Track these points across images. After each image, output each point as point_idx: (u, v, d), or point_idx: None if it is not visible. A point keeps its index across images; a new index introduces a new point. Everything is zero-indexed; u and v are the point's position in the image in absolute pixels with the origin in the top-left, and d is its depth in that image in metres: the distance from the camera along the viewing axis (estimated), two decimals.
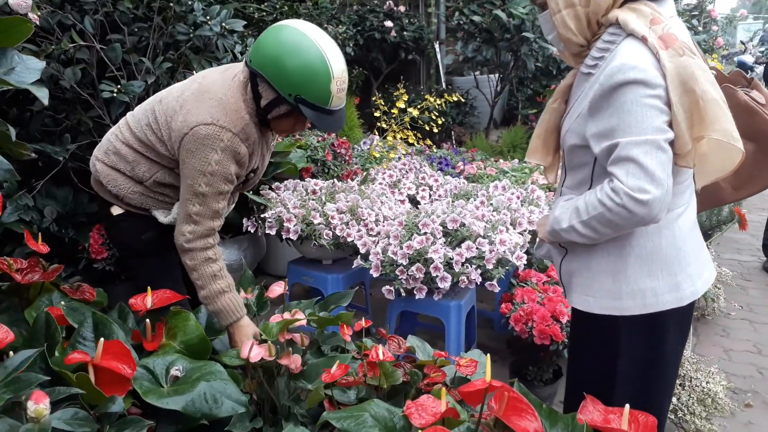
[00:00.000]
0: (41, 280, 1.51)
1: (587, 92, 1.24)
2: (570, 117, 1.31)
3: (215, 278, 1.62)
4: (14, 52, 0.91)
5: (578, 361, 1.49)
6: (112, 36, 2.55)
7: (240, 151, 1.61)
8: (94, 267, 2.70)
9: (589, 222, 1.22)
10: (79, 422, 0.76)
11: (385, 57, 5.79)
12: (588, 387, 1.37)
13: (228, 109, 1.59)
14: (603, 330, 1.37)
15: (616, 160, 1.16)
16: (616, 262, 1.30)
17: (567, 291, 1.45)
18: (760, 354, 2.95)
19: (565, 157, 1.38)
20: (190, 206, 1.61)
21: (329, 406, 1.33)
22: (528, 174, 3.77)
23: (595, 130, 1.21)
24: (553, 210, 1.37)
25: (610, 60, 1.19)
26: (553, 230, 1.34)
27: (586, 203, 1.23)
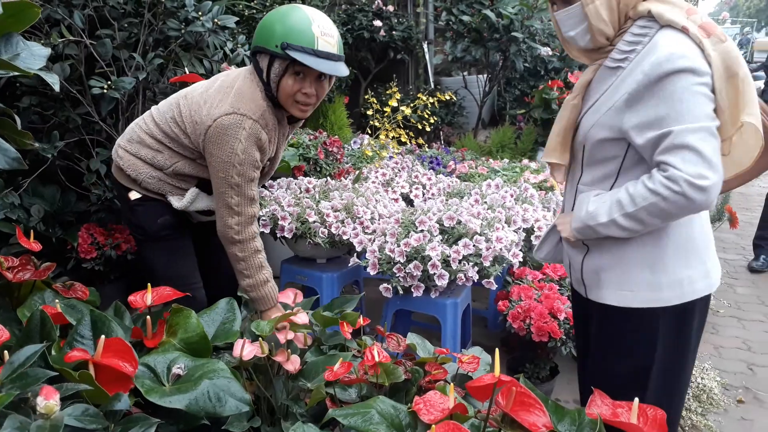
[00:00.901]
0: (33, 278, 1.47)
1: (619, 85, 1.24)
2: (595, 111, 1.30)
3: (261, 269, 1.74)
4: (19, 38, 0.88)
5: (609, 360, 1.44)
6: (101, 31, 2.50)
7: (261, 137, 1.69)
8: (82, 267, 2.65)
9: (635, 214, 1.22)
10: (89, 419, 0.74)
11: (374, 56, 5.77)
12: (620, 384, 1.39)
13: (246, 97, 1.67)
14: (640, 324, 1.36)
15: (669, 148, 1.16)
16: (653, 253, 1.31)
17: (592, 289, 1.41)
18: (750, 351, 2.98)
19: (586, 153, 1.36)
20: (228, 199, 1.69)
21: (331, 405, 1.31)
22: (519, 173, 3.78)
23: (637, 121, 1.21)
24: (581, 207, 1.34)
25: (648, 51, 1.20)
26: (585, 227, 1.32)
27: (632, 195, 1.22)
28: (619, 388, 1.36)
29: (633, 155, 1.28)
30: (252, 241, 1.74)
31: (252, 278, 1.72)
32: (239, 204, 1.70)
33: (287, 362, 1.39)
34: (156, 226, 1.87)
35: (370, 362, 1.28)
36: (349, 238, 2.37)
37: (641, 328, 1.36)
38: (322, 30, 1.62)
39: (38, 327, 1.15)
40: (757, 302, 3.60)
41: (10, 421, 0.67)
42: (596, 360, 1.48)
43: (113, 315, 1.38)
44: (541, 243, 1.59)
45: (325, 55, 1.62)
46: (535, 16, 5.40)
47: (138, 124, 1.88)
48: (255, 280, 1.72)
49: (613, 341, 1.41)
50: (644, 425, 1.05)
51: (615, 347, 1.41)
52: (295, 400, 1.41)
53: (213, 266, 2.09)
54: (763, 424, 2.34)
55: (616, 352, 1.41)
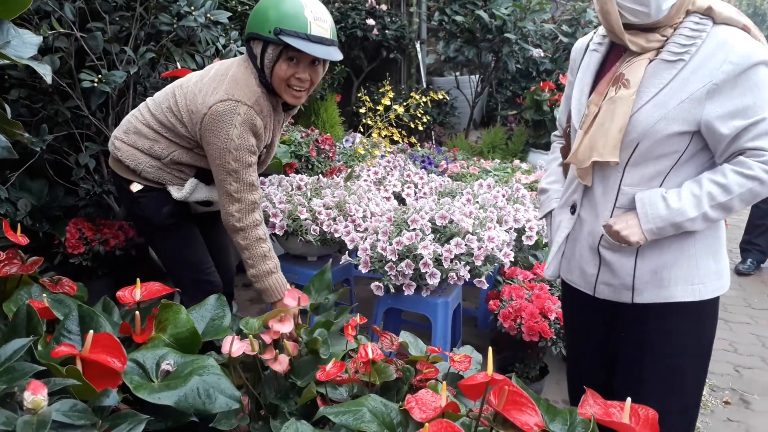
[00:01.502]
0: (20, 272, 1.44)
1: (689, 77, 1.24)
2: (660, 105, 1.26)
3: (265, 258, 1.74)
4: (10, 25, 0.86)
5: (675, 359, 1.39)
6: (92, 24, 2.47)
7: (256, 123, 1.70)
8: (70, 262, 2.62)
9: (728, 203, 1.25)
10: (78, 414, 0.72)
11: (367, 55, 5.76)
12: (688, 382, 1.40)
13: (240, 84, 1.68)
14: (707, 316, 1.38)
15: (762, 134, 1.21)
16: (714, 242, 1.35)
17: (647, 291, 1.36)
18: (736, 353, 3.00)
19: (638, 150, 1.30)
20: (227, 186, 1.71)
21: (322, 403, 1.30)
22: (510, 173, 3.79)
23: (722, 111, 1.22)
24: (654, 205, 1.28)
25: (720, 45, 1.22)
26: (669, 225, 1.27)
27: (724, 185, 1.24)
28: (683, 384, 1.40)
29: (692, 149, 1.29)
30: (254, 229, 1.74)
31: (255, 268, 1.73)
32: (239, 191, 1.71)
33: (275, 362, 1.37)
34: (161, 215, 1.87)
35: (364, 359, 1.27)
36: (340, 236, 2.36)
37: (708, 318, 1.39)
38: (315, 15, 1.63)
39: (24, 321, 1.13)
40: (744, 305, 3.63)
41: None
42: (650, 361, 1.41)
43: (101, 310, 1.36)
44: (551, 262, 1.53)
45: (318, 40, 1.62)
46: (527, 17, 5.42)
47: (134, 115, 1.89)
48: (258, 270, 1.73)
49: (677, 338, 1.38)
50: (636, 425, 1.05)
51: (678, 344, 1.38)
52: (284, 399, 1.40)
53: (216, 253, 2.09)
54: (749, 426, 2.36)
55: (681, 348, 1.39)
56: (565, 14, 6.74)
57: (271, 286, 1.74)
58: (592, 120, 1.34)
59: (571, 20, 6.32)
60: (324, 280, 1.68)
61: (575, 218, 1.46)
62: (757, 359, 2.93)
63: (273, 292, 1.75)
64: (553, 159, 1.66)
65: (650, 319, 1.39)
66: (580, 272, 1.46)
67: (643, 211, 1.30)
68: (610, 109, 1.30)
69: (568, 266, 1.50)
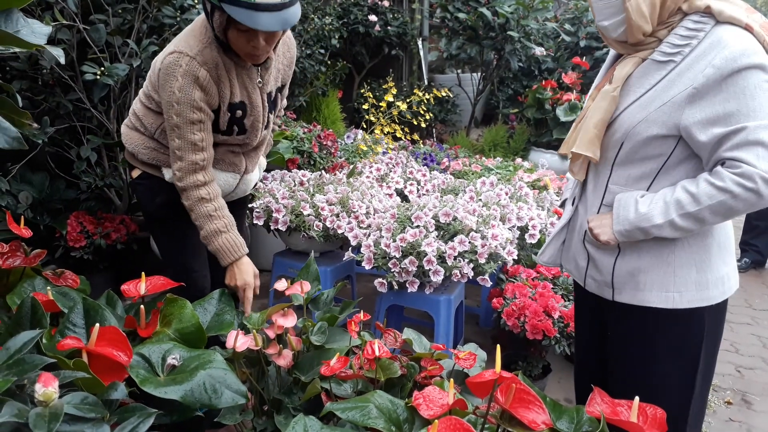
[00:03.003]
0: (23, 265, 1.43)
1: (675, 80, 1.20)
2: (644, 106, 1.24)
3: (211, 218, 1.67)
4: (19, 14, 0.85)
5: (652, 362, 1.38)
6: (95, 16, 2.46)
7: (199, 75, 1.58)
8: (71, 255, 2.61)
9: (697, 213, 1.19)
10: (88, 407, 0.71)
11: (369, 51, 5.74)
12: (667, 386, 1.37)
13: (190, 35, 1.62)
14: (688, 324, 1.33)
15: (741, 145, 1.13)
16: (698, 252, 1.29)
17: (624, 291, 1.36)
18: (738, 353, 3.00)
19: (623, 150, 1.30)
20: (171, 142, 1.66)
21: (326, 399, 1.30)
22: (512, 171, 3.78)
23: (701, 117, 1.17)
24: (626, 208, 1.27)
25: (712, 46, 1.17)
26: (635, 229, 1.26)
27: (695, 194, 1.19)
28: (665, 390, 1.36)
29: (679, 154, 1.25)
30: (196, 190, 1.66)
31: (203, 229, 1.67)
32: (180, 148, 1.63)
33: (279, 357, 1.37)
34: (153, 205, 1.85)
35: (370, 356, 1.26)
36: (344, 232, 2.35)
37: (689, 328, 1.33)
38: None
39: (29, 314, 1.12)
40: (745, 305, 3.64)
41: (8, 408, 0.64)
42: (632, 363, 1.41)
43: (105, 304, 1.35)
44: (546, 247, 1.55)
45: (266, 8, 1.43)
46: (530, 15, 5.41)
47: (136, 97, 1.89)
48: (206, 230, 1.67)
49: (657, 343, 1.36)
50: (644, 424, 1.04)
51: (659, 349, 1.36)
52: (288, 394, 1.39)
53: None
54: (751, 426, 2.36)
55: (662, 354, 1.36)
56: (567, 13, 6.73)
57: (223, 245, 1.67)
58: (584, 114, 1.37)
59: (573, 19, 6.31)
60: (310, 272, 1.67)
61: (573, 210, 1.48)
62: (759, 360, 2.93)
63: (226, 252, 1.68)
64: None
65: (630, 320, 1.39)
66: (574, 264, 1.49)
67: (617, 213, 1.29)
68: (595, 104, 1.32)
69: (566, 256, 1.52)
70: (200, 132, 1.64)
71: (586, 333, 1.60)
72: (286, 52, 1.85)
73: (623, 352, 1.43)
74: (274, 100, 1.86)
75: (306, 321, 1.51)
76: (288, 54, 1.86)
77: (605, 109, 1.29)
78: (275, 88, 1.85)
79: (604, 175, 1.35)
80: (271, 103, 1.84)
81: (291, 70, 1.91)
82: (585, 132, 1.32)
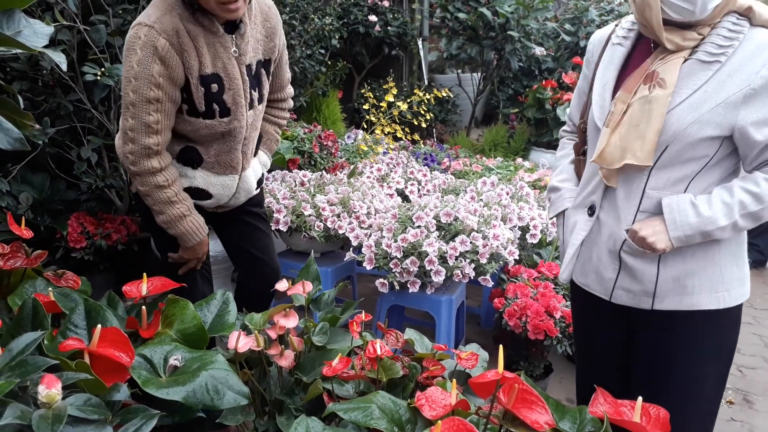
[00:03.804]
0: (24, 266, 1.43)
1: (725, 80, 1.20)
2: (694, 107, 1.21)
3: (173, 204, 1.60)
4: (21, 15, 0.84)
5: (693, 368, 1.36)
6: (95, 17, 2.45)
7: (158, 45, 1.47)
8: (71, 256, 2.60)
9: (759, 212, 1.22)
10: (92, 408, 0.71)
11: (369, 51, 5.74)
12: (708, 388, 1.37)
13: (150, 6, 1.52)
14: (730, 323, 1.34)
15: None
16: (737, 249, 1.33)
17: (668, 298, 1.32)
18: (739, 353, 3.00)
19: (667, 153, 1.25)
20: (124, 121, 1.55)
21: (328, 399, 1.29)
22: (513, 171, 3.78)
23: (758, 117, 1.19)
24: (683, 212, 1.24)
25: (759, 48, 1.18)
26: (699, 233, 1.24)
27: (758, 194, 1.21)
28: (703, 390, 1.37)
29: (720, 154, 1.25)
30: (151, 176, 1.57)
31: (163, 214, 1.61)
32: (134, 129, 1.52)
33: (281, 357, 1.37)
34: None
35: (372, 356, 1.26)
36: (345, 233, 2.35)
37: (731, 325, 1.35)
38: None
39: (30, 315, 1.12)
40: (746, 305, 3.61)
41: (11, 410, 0.64)
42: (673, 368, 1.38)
43: (106, 305, 1.34)
44: (567, 265, 1.47)
45: None
46: (530, 15, 5.40)
47: None
48: (167, 216, 1.61)
49: (704, 345, 1.34)
50: (647, 424, 1.04)
51: (705, 350, 1.35)
52: (289, 395, 1.39)
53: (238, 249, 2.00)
54: (753, 425, 2.36)
55: (707, 355, 1.35)
56: (567, 13, 6.72)
57: (188, 229, 1.63)
58: (620, 118, 1.28)
59: (573, 19, 6.31)
60: (311, 272, 1.67)
61: (593, 220, 1.39)
62: (760, 359, 2.93)
63: (190, 235, 1.64)
64: (564, 156, 1.59)
65: (671, 326, 1.35)
66: (596, 276, 1.40)
67: (671, 218, 1.24)
68: (645, 109, 1.24)
69: (582, 269, 1.44)
70: (156, 113, 1.53)
71: (596, 341, 1.55)
72: (264, 21, 1.71)
73: (658, 359, 1.39)
74: (256, 75, 1.71)
75: (307, 321, 1.50)
76: (267, 24, 1.72)
77: (661, 114, 1.22)
78: (255, 61, 1.70)
79: (640, 180, 1.29)
80: (252, 78, 1.70)
81: (274, 43, 1.76)
82: (645, 141, 1.24)
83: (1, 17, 0.79)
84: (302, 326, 1.50)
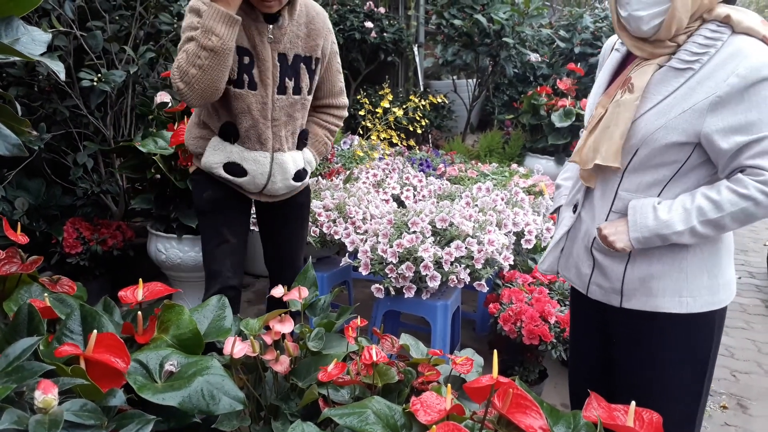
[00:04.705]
0: (20, 271, 1.43)
1: (695, 87, 1.21)
2: (662, 113, 1.25)
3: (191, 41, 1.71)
4: (19, 22, 0.85)
5: (656, 371, 1.39)
6: (92, 23, 2.46)
7: (199, 7, 1.70)
8: (67, 262, 2.60)
9: (718, 220, 1.21)
10: (87, 414, 0.71)
11: (365, 58, 5.77)
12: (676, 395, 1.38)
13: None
14: (699, 329, 1.34)
15: (763, 153, 1.17)
16: (710, 258, 1.32)
17: (634, 298, 1.36)
18: (733, 357, 3.02)
19: (637, 157, 1.30)
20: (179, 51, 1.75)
21: (324, 405, 1.30)
22: (508, 177, 3.80)
23: (723, 125, 1.19)
24: (644, 215, 1.27)
25: (732, 56, 1.18)
26: (655, 236, 1.26)
27: (717, 201, 1.21)
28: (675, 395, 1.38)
29: (693, 161, 1.26)
30: (181, 55, 1.71)
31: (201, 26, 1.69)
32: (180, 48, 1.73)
33: (276, 363, 1.37)
34: (201, 200, 1.95)
35: (367, 362, 1.26)
36: (340, 238, 2.35)
37: (700, 332, 1.35)
38: None
39: (26, 321, 1.12)
40: (740, 310, 3.65)
41: (8, 416, 0.64)
42: (642, 369, 1.41)
43: (102, 310, 1.34)
44: (546, 255, 1.55)
45: None
46: (525, 22, 5.44)
47: None
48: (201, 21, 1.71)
49: (668, 347, 1.37)
50: (641, 428, 1.05)
51: (670, 354, 1.37)
52: (285, 400, 1.39)
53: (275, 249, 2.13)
54: (747, 430, 2.37)
55: (672, 359, 1.37)
56: (561, 20, 6.77)
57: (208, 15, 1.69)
58: (597, 121, 1.35)
59: (567, 25, 6.35)
60: (308, 277, 1.67)
61: (575, 217, 1.47)
62: (754, 364, 2.94)
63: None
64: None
65: (639, 325, 1.39)
66: (575, 270, 1.48)
67: (633, 219, 1.29)
68: (615, 112, 1.30)
69: (566, 263, 1.51)
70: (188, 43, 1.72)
71: (585, 340, 1.60)
72: (308, 22, 1.87)
73: (632, 358, 1.43)
74: (293, 66, 1.87)
75: (303, 327, 1.51)
76: (311, 26, 1.88)
77: (628, 119, 1.28)
78: (293, 53, 1.86)
79: (614, 181, 1.35)
80: (289, 67, 1.85)
81: (316, 42, 1.90)
82: (611, 143, 1.30)
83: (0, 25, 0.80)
84: (298, 331, 1.50)
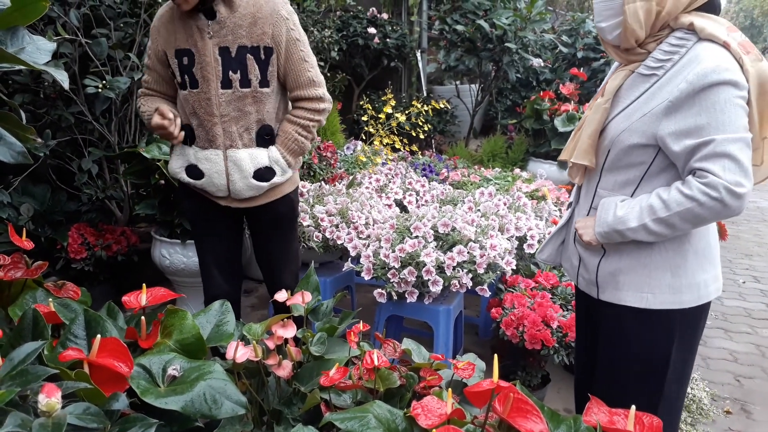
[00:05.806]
0: (25, 277, 1.44)
1: (655, 92, 1.28)
2: (627, 117, 1.33)
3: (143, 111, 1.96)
4: (25, 31, 0.86)
5: (623, 361, 1.45)
6: (97, 30, 2.49)
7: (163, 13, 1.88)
8: (72, 267, 2.62)
9: (668, 219, 1.26)
10: (91, 417, 0.72)
11: (368, 63, 5.79)
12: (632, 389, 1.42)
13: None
14: (659, 325, 1.38)
15: (709, 156, 1.20)
16: (675, 257, 1.35)
17: (606, 290, 1.44)
18: (737, 362, 3.00)
19: (609, 157, 1.38)
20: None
21: (326, 409, 1.30)
22: (511, 182, 3.80)
23: (675, 128, 1.24)
24: (606, 211, 1.36)
25: (690, 62, 1.23)
26: (613, 231, 1.34)
27: (666, 201, 1.25)
28: (633, 391, 1.41)
29: (660, 163, 1.32)
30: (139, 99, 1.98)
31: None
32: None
33: (279, 368, 1.38)
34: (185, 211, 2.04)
35: (369, 366, 1.27)
36: (343, 243, 2.36)
37: (659, 329, 1.38)
38: None
39: (30, 326, 1.13)
40: (744, 314, 3.64)
41: (12, 419, 0.65)
42: (610, 361, 1.48)
43: (106, 315, 1.36)
44: (545, 245, 1.63)
45: None
46: (528, 27, 5.45)
47: None
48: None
49: (629, 342, 1.42)
50: None
51: (631, 348, 1.42)
52: (287, 404, 1.40)
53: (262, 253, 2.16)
54: None
55: (633, 352, 1.42)
56: (564, 24, 6.78)
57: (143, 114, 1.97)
58: (581, 124, 1.46)
59: (570, 30, 6.36)
60: (310, 282, 1.68)
61: (571, 212, 1.58)
62: (758, 369, 2.93)
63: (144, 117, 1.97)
64: None
65: (610, 319, 1.46)
66: (570, 262, 1.56)
67: (599, 215, 1.38)
68: (588, 116, 1.42)
69: (565, 255, 1.59)
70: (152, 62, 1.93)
71: (582, 336, 1.66)
72: (256, 11, 1.81)
73: (604, 350, 1.50)
74: (238, 59, 1.83)
75: (306, 331, 1.51)
76: (258, 14, 1.82)
77: (598, 120, 1.39)
78: (237, 46, 1.81)
79: (594, 180, 1.44)
80: (232, 59, 1.82)
81: (264, 31, 1.83)
82: (581, 142, 1.42)
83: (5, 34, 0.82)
84: (300, 336, 1.51)
